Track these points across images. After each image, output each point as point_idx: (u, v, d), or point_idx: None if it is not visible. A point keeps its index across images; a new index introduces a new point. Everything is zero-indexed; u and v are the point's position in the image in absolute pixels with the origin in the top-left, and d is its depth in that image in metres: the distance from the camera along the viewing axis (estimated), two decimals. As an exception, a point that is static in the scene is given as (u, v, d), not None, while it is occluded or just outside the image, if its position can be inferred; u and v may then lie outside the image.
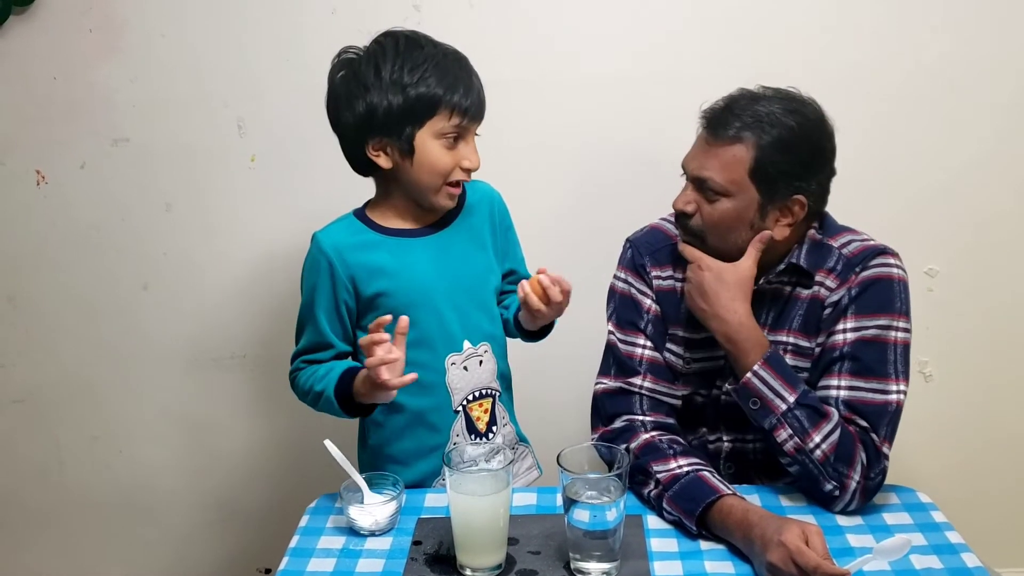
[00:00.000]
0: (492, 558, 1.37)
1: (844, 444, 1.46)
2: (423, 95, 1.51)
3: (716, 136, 1.50)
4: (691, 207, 1.54)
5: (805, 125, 1.50)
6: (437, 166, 1.55)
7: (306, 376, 1.61)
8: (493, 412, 1.69)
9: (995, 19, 2.03)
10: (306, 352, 1.63)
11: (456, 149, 1.55)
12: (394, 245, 1.61)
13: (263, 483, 2.35)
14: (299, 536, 1.50)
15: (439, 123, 1.53)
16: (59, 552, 2.40)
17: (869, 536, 1.43)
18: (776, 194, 1.50)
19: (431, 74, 1.51)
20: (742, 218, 1.51)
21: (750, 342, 1.50)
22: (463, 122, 1.54)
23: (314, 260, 1.60)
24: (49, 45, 2.06)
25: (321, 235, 1.61)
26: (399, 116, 1.52)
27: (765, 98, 1.51)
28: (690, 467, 1.49)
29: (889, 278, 1.53)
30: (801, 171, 1.50)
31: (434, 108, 1.52)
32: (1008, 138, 2.10)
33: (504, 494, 1.35)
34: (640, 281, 1.66)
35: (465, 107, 1.53)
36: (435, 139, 1.54)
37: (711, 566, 1.38)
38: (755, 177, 1.49)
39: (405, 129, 1.53)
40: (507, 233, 1.74)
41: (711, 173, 1.50)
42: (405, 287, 1.59)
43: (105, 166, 2.14)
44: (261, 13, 2.05)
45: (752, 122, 1.48)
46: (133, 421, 2.31)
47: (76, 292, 2.22)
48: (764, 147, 1.47)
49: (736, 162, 1.48)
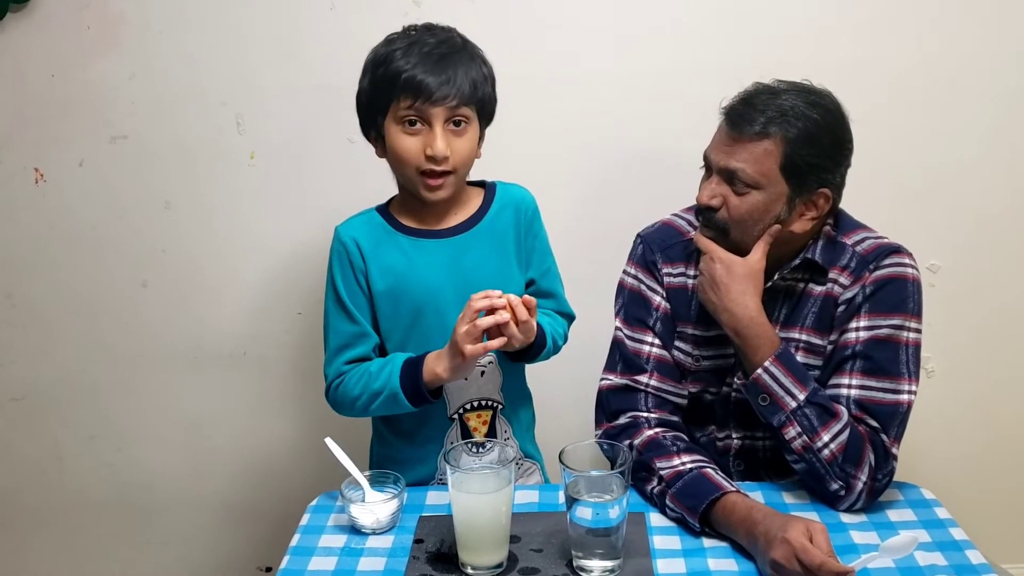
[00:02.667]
0: (494, 556, 1.37)
1: (853, 444, 1.45)
2: (382, 75, 1.49)
3: (742, 131, 1.49)
4: (717, 201, 1.53)
5: (827, 117, 1.50)
6: (399, 152, 1.51)
7: (356, 378, 1.56)
8: (493, 425, 1.66)
9: (996, 13, 2.02)
10: (343, 349, 1.58)
11: (419, 136, 1.50)
12: (408, 244, 1.59)
13: (264, 481, 2.34)
14: (300, 534, 1.49)
15: (398, 107, 1.49)
16: (58, 551, 2.40)
17: (873, 533, 1.43)
18: (804, 187, 1.50)
19: (401, 57, 1.48)
20: (770, 211, 1.51)
21: (760, 338, 1.49)
22: (417, 103, 1.47)
23: (334, 251, 1.60)
24: (47, 42, 2.06)
25: (341, 228, 1.61)
26: (369, 101, 1.52)
27: (784, 92, 1.51)
28: (693, 464, 1.49)
29: (904, 278, 1.53)
30: (827, 163, 1.50)
31: (392, 89, 1.48)
32: (1011, 133, 2.09)
33: (506, 492, 1.34)
34: (650, 278, 1.65)
35: (417, 85, 1.46)
36: (396, 125, 1.50)
37: (714, 564, 1.37)
38: (786, 171, 1.48)
39: (377, 117, 1.52)
40: (533, 241, 1.67)
41: (742, 165, 1.49)
42: (413, 287, 1.58)
43: (103, 164, 2.13)
44: (259, 9, 2.04)
45: (777, 116, 1.47)
46: (132, 419, 2.30)
47: (75, 290, 2.22)
48: (792, 141, 1.47)
49: (767, 156, 1.48)
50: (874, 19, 2.02)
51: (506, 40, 2.03)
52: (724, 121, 1.53)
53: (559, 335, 1.67)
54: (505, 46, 2.02)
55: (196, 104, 2.09)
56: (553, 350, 1.66)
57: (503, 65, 1.67)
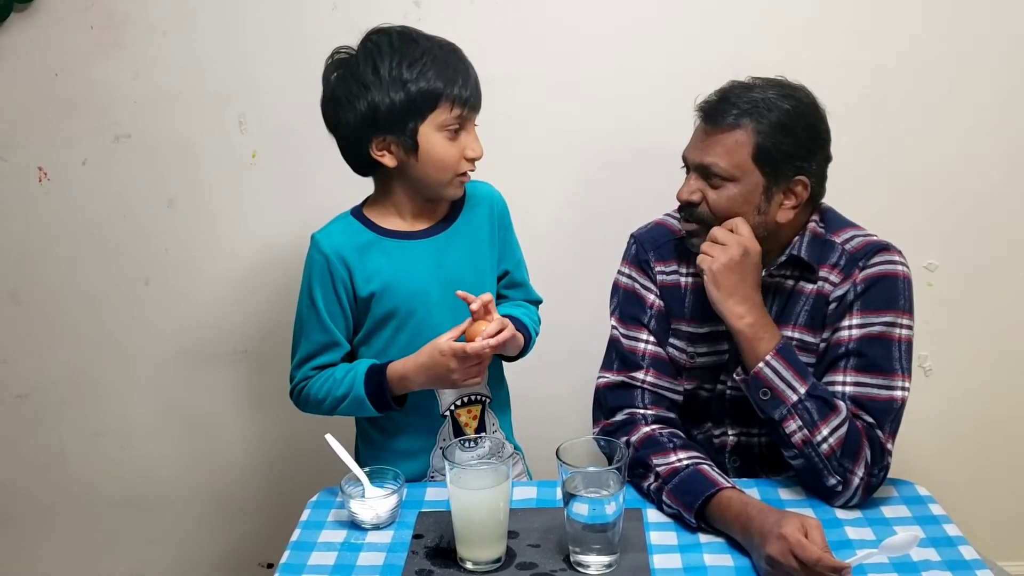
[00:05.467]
0: (492, 551, 1.38)
1: (851, 439, 1.46)
2: (424, 89, 1.51)
3: (715, 125, 1.51)
4: (696, 196, 1.55)
5: (799, 107, 1.52)
6: (444, 159, 1.55)
7: (320, 382, 1.60)
8: (482, 418, 1.69)
9: (991, 9, 2.03)
10: (312, 357, 1.61)
11: (458, 140, 1.56)
12: (392, 247, 1.61)
13: (264, 477, 2.36)
14: (300, 530, 1.50)
15: (441, 116, 1.53)
16: (62, 547, 2.41)
17: (868, 529, 1.44)
18: (780, 175, 1.51)
19: (430, 68, 1.52)
20: (748, 202, 1.52)
21: (766, 328, 1.50)
22: (464, 112, 1.54)
23: (314, 261, 1.60)
24: (50, 42, 2.07)
25: (320, 236, 1.62)
26: (402, 112, 1.52)
27: (758, 86, 1.53)
28: (690, 460, 1.50)
29: (894, 275, 1.54)
30: (802, 151, 1.52)
31: (435, 101, 1.52)
32: (1006, 132, 2.10)
33: (504, 487, 1.35)
34: (644, 276, 1.67)
35: (465, 98, 1.53)
36: (438, 132, 1.54)
37: (710, 559, 1.38)
38: (758, 160, 1.50)
39: (408, 125, 1.53)
40: (505, 233, 1.72)
41: (714, 159, 1.51)
42: (401, 290, 1.60)
43: (107, 163, 2.14)
44: (262, 9, 2.05)
45: (749, 108, 1.50)
46: (135, 416, 2.32)
47: (78, 288, 2.23)
48: (764, 131, 1.49)
49: (739, 146, 1.50)
50: (866, 15, 2.03)
51: (504, 40, 2.05)
52: (698, 117, 1.56)
53: (535, 321, 1.73)
54: (503, 46, 2.04)
55: (199, 103, 2.10)
56: (533, 343, 1.71)
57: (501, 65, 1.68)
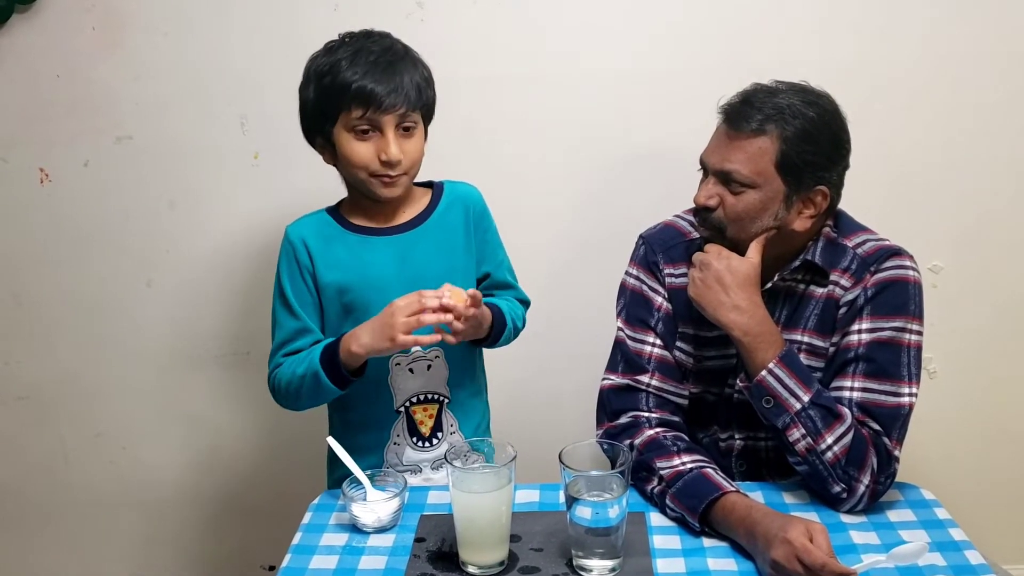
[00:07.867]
0: (494, 555, 1.37)
1: (856, 447, 1.46)
2: (329, 85, 1.53)
3: (738, 129, 1.50)
4: (714, 201, 1.53)
5: (824, 116, 1.51)
6: (351, 159, 1.56)
7: (287, 365, 1.60)
8: (439, 418, 1.67)
9: (998, 12, 2.02)
10: (285, 343, 1.62)
11: (372, 141, 1.54)
12: (355, 242, 1.63)
13: (266, 480, 2.35)
14: (302, 533, 1.50)
15: (349, 116, 1.53)
16: (64, 548, 2.41)
17: (873, 533, 1.43)
18: (801, 185, 1.50)
19: (346, 67, 1.52)
20: (767, 209, 1.51)
21: (767, 337, 1.50)
22: (368, 112, 1.52)
23: (282, 249, 1.64)
24: (52, 43, 2.06)
25: (290, 227, 1.65)
26: (317, 110, 1.55)
27: (782, 91, 1.51)
28: (693, 464, 1.49)
29: (905, 280, 1.53)
30: (824, 161, 1.51)
31: (342, 99, 1.52)
32: (1012, 134, 2.09)
33: (506, 491, 1.35)
34: (652, 278, 1.66)
35: (368, 95, 1.51)
36: (348, 132, 1.55)
37: (714, 563, 1.38)
38: (781, 168, 1.49)
39: (326, 125, 1.56)
40: (484, 235, 1.70)
41: (737, 165, 1.50)
42: (360, 284, 1.61)
43: (108, 164, 2.14)
44: (264, 10, 2.05)
45: (774, 114, 1.48)
46: (136, 418, 2.31)
47: (79, 289, 2.23)
48: (789, 138, 1.48)
49: (762, 154, 1.49)
50: (875, 19, 2.02)
51: (506, 40, 2.04)
52: (721, 120, 1.54)
53: (518, 317, 1.71)
54: (505, 46, 2.03)
55: (200, 105, 2.10)
56: (513, 333, 1.69)
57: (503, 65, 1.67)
